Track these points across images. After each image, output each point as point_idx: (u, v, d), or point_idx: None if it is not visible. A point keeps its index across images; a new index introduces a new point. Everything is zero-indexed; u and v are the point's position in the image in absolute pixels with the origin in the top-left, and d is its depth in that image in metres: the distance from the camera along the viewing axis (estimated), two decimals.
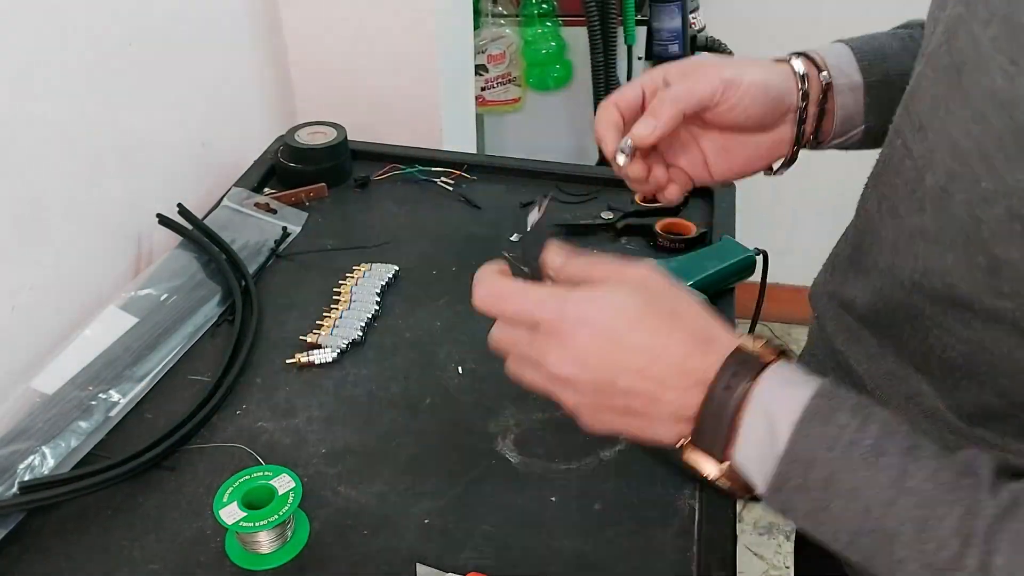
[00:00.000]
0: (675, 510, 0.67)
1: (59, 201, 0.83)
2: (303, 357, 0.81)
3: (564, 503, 0.67)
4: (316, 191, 1.06)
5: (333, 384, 0.79)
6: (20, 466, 0.69)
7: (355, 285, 0.90)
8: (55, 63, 0.81)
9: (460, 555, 0.63)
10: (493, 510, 0.67)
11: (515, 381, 0.54)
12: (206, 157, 1.10)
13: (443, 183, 1.09)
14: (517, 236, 0.73)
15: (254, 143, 1.16)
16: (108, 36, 0.88)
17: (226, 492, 0.63)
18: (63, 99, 0.83)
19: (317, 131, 1.09)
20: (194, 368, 0.81)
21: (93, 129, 0.87)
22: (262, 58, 1.26)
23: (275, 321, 0.87)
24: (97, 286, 0.89)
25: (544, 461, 0.71)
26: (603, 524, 0.66)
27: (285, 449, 0.72)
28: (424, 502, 0.68)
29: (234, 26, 1.17)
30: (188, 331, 0.84)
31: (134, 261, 0.96)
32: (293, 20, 1.31)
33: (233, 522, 0.61)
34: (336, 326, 0.85)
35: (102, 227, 0.91)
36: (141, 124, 0.95)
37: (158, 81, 0.98)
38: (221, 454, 0.72)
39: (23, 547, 0.64)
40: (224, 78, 1.14)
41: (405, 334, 0.85)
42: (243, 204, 1.01)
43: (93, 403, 0.75)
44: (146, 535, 0.65)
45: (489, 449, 0.72)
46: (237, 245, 0.94)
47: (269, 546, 0.63)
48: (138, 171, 0.95)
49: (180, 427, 0.72)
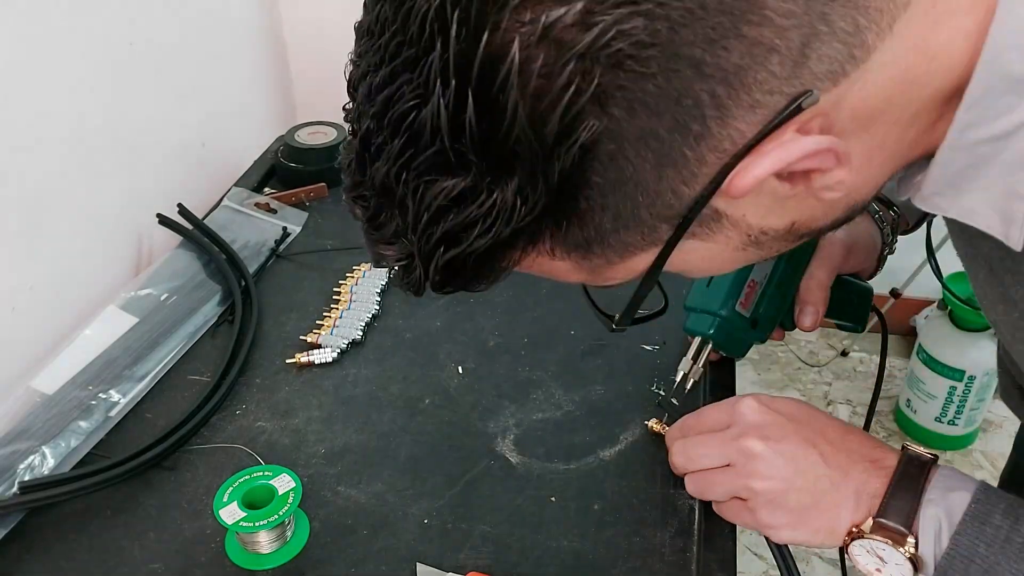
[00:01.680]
0: (675, 510, 0.67)
1: (59, 201, 0.83)
2: (303, 357, 0.81)
3: (563, 503, 0.67)
4: (316, 191, 1.06)
5: (333, 384, 0.79)
6: (20, 466, 0.69)
7: (355, 285, 0.90)
8: (55, 63, 0.81)
9: (459, 555, 0.63)
10: (492, 510, 0.67)
11: None
12: (206, 157, 1.10)
13: None
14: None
15: (254, 143, 1.16)
16: (108, 36, 0.88)
17: (226, 492, 0.63)
18: (63, 99, 0.83)
19: (317, 131, 1.09)
20: (194, 368, 0.81)
21: (93, 129, 0.87)
22: (262, 58, 1.26)
23: (275, 321, 0.87)
24: (97, 286, 0.89)
25: (543, 461, 0.71)
26: (602, 524, 0.66)
27: (285, 449, 0.72)
28: (424, 502, 0.68)
29: (234, 26, 1.17)
30: (188, 331, 0.84)
31: (134, 261, 0.96)
32: (293, 20, 1.31)
33: (233, 522, 0.61)
34: (336, 326, 0.85)
35: (102, 227, 0.91)
36: (141, 124, 0.95)
37: (158, 81, 0.98)
38: (221, 454, 0.72)
39: (23, 547, 0.64)
40: (224, 78, 1.14)
41: (405, 334, 0.85)
42: (243, 204, 1.01)
43: (93, 403, 0.75)
44: (146, 535, 0.65)
45: (488, 449, 0.72)
46: (237, 245, 0.94)
47: (269, 546, 0.63)
48: (138, 171, 0.95)
49: (180, 427, 0.72)
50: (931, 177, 0.42)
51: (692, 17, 0.34)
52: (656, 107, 0.35)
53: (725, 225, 0.42)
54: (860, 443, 0.58)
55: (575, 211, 0.39)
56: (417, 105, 0.36)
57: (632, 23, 0.33)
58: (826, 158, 0.38)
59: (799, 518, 0.58)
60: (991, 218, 0.42)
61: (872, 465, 0.57)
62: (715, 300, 0.70)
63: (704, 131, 0.36)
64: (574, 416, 0.76)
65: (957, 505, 0.53)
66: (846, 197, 0.42)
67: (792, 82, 0.36)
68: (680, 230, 0.40)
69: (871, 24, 0.36)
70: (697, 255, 0.44)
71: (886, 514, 0.54)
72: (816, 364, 2.08)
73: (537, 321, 0.87)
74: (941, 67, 0.38)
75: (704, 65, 0.34)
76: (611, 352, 0.82)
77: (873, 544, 0.55)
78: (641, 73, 0.34)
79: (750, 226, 0.42)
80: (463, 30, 0.34)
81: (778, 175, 0.39)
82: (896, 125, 0.40)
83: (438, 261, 0.40)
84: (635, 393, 0.78)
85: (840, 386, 2.03)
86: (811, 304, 0.72)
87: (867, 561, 0.56)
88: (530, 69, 0.34)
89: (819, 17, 0.35)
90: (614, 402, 0.77)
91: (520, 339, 0.84)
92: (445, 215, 0.38)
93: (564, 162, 0.36)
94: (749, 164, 0.37)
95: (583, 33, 0.33)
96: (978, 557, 0.51)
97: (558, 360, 0.82)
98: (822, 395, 2.01)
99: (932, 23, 0.37)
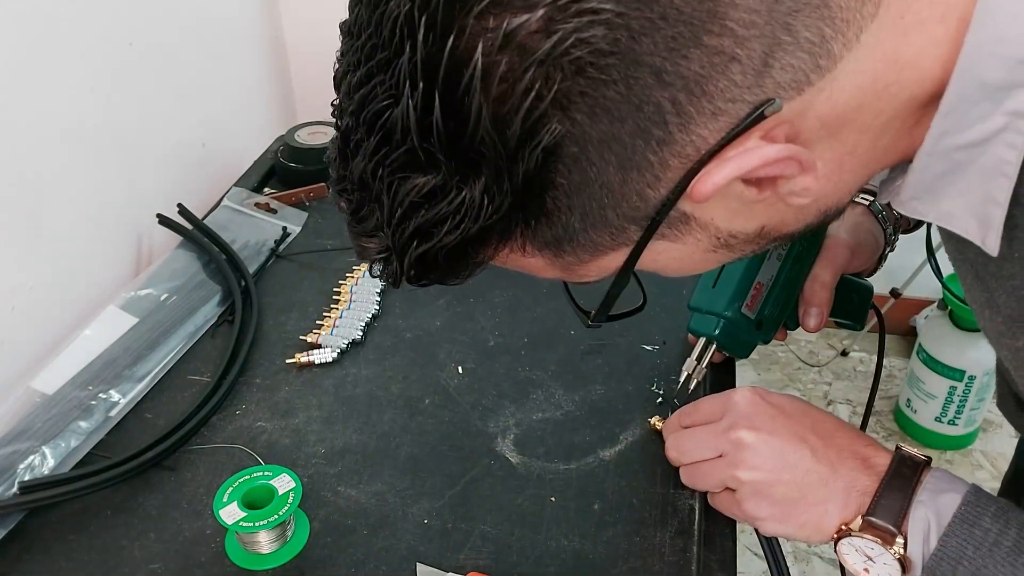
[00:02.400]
0: (675, 510, 0.67)
1: (59, 201, 0.84)
2: (303, 357, 0.81)
3: (563, 503, 0.67)
4: (316, 191, 1.06)
5: (333, 384, 0.79)
6: (20, 466, 0.69)
7: (355, 285, 0.90)
8: (55, 63, 0.81)
9: (460, 555, 0.63)
10: (492, 510, 0.67)
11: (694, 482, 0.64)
12: (206, 157, 1.10)
13: None
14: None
15: (254, 143, 1.16)
16: (108, 36, 0.88)
17: (226, 492, 0.63)
18: (63, 99, 0.83)
19: (317, 131, 1.10)
20: (194, 368, 0.81)
21: (93, 129, 0.87)
22: (262, 58, 1.26)
23: (275, 321, 0.87)
24: (97, 286, 0.89)
25: (543, 461, 0.71)
26: (602, 524, 0.66)
27: (285, 449, 0.72)
28: (424, 502, 0.68)
29: (234, 26, 1.17)
30: (188, 331, 0.84)
31: (134, 261, 0.96)
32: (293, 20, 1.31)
33: (233, 522, 0.61)
34: (336, 326, 0.85)
35: (102, 227, 0.91)
36: (141, 124, 0.95)
37: (158, 81, 0.98)
38: (221, 454, 0.72)
39: (23, 547, 0.64)
40: (224, 78, 1.14)
41: (405, 334, 0.85)
42: (243, 204, 1.01)
43: (93, 403, 0.75)
44: (146, 535, 0.65)
45: (489, 449, 0.72)
46: (237, 245, 0.94)
47: (269, 546, 0.63)
48: (138, 171, 0.96)
49: (180, 427, 0.72)
50: (909, 182, 0.43)
51: (652, 27, 0.34)
52: (618, 112, 0.36)
53: (694, 227, 0.42)
54: (852, 440, 0.59)
55: (543, 211, 0.40)
56: (390, 105, 0.37)
57: (592, 31, 0.34)
58: (788, 165, 0.38)
59: (785, 511, 0.58)
60: (969, 223, 0.42)
61: (863, 463, 0.57)
62: (720, 302, 0.70)
63: (666, 136, 0.37)
64: (574, 416, 0.76)
65: (947, 507, 0.53)
66: (815, 203, 0.42)
67: (754, 91, 0.36)
68: (648, 232, 0.41)
69: (837, 35, 0.36)
70: (668, 255, 0.44)
71: (876, 513, 0.54)
72: (816, 364, 2.08)
73: (537, 321, 0.87)
74: (913, 76, 0.39)
75: (664, 73, 0.35)
76: (611, 352, 0.82)
77: (861, 543, 0.55)
78: (602, 80, 0.35)
79: (719, 229, 0.43)
80: (430, 35, 0.35)
81: (745, 180, 0.39)
82: (867, 132, 0.40)
83: (412, 255, 0.41)
84: (635, 393, 0.78)
85: (840, 386, 2.03)
86: (815, 305, 0.72)
87: (855, 560, 0.55)
88: (493, 74, 0.35)
89: (783, 27, 0.35)
90: (614, 402, 0.77)
91: (520, 339, 0.84)
92: (417, 211, 0.39)
93: (528, 164, 0.37)
94: (711, 170, 0.38)
95: (544, 40, 0.34)
96: (966, 559, 0.51)
97: (558, 360, 0.82)
98: (822, 395, 2.01)
99: (902, 33, 0.38)
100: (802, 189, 0.40)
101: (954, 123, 0.39)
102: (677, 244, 0.43)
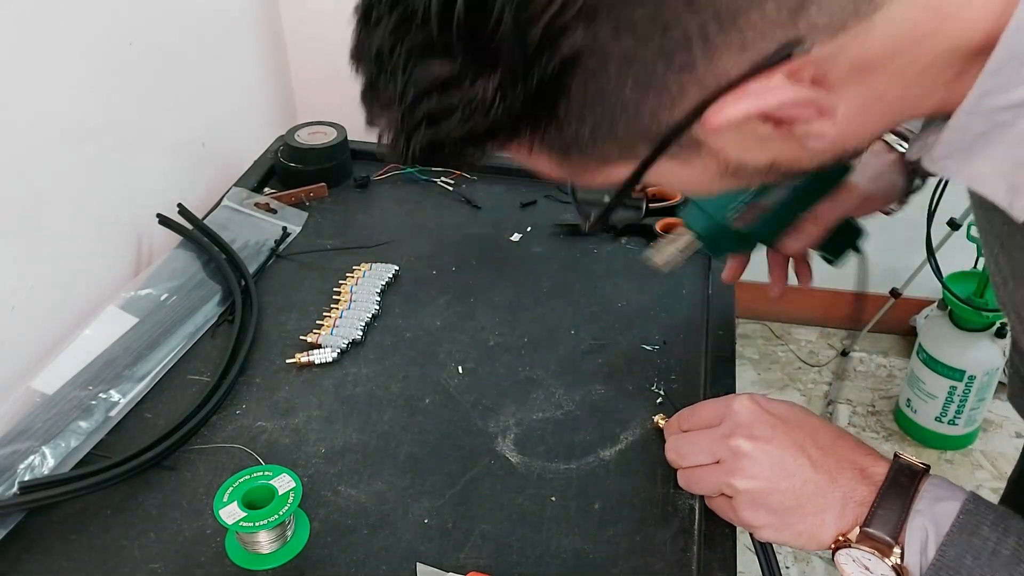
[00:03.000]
0: (675, 509, 0.67)
1: (59, 201, 0.84)
2: (303, 357, 0.81)
3: (563, 502, 0.67)
4: (316, 191, 1.06)
5: (333, 384, 0.79)
6: (20, 466, 0.69)
7: (355, 285, 0.90)
8: (55, 63, 0.81)
9: (460, 554, 0.63)
10: (493, 509, 0.67)
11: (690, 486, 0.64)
12: (206, 157, 1.10)
13: (443, 183, 1.09)
14: (518, 236, 0.75)
15: (254, 143, 1.16)
16: (108, 36, 0.88)
17: (226, 492, 0.63)
18: (63, 99, 0.83)
19: (317, 131, 1.09)
20: (194, 368, 0.81)
21: (93, 129, 0.87)
22: (262, 58, 1.26)
23: (275, 321, 0.87)
24: (97, 286, 0.89)
25: (544, 461, 0.71)
26: (603, 523, 0.66)
27: (285, 449, 0.72)
28: (424, 501, 0.68)
29: (234, 26, 1.17)
30: (188, 331, 0.84)
31: (134, 261, 0.96)
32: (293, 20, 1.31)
33: (233, 522, 0.61)
34: (336, 326, 0.85)
35: (102, 227, 0.91)
36: (141, 124, 0.95)
37: (158, 81, 0.98)
38: (221, 454, 0.72)
39: (23, 547, 0.64)
40: (224, 78, 1.14)
41: (405, 334, 0.85)
42: (243, 204, 1.01)
43: (93, 403, 0.75)
44: (146, 535, 0.65)
45: (489, 449, 0.72)
46: (237, 245, 0.94)
47: (269, 546, 0.63)
48: (138, 171, 0.96)
49: (180, 427, 0.72)
50: (944, 139, 0.41)
51: None
52: (644, 32, 0.36)
53: (703, 153, 0.42)
54: (851, 450, 0.58)
55: (553, 117, 0.40)
56: None
57: None
58: (807, 109, 0.38)
59: (781, 520, 0.57)
60: (998, 186, 0.41)
61: (861, 473, 0.56)
62: (720, 206, 0.70)
63: (689, 62, 0.37)
64: (574, 415, 0.76)
65: (945, 515, 0.52)
66: (832, 145, 0.41)
67: (787, 29, 0.36)
68: (656, 152, 0.41)
69: None
70: (673, 175, 0.44)
71: (872, 523, 0.54)
72: (816, 364, 2.08)
73: (537, 321, 0.87)
74: (956, 26, 0.37)
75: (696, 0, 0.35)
76: (611, 352, 0.82)
77: (859, 554, 0.54)
78: None
79: (728, 158, 0.42)
80: None
81: (760, 117, 0.39)
82: (898, 79, 0.39)
83: (419, 138, 0.41)
84: (635, 393, 0.78)
85: (840, 386, 2.03)
86: (804, 235, 0.71)
87: (853, 570, 0.55)
88: None
89: None
90: (614, 401, 0.77)
91: (520, 339, 0.84)
92: (429, 96, 0.39)
93: (544, 71, 0.37)
94: (728, 102, 0.37)
95: None
96: (964, 569, 0.51)
97: (558, 360, 0.82)
98: (822, 395, 2.01)
99: None
100: (818, 133, 0.39)
101: (1001, 82, 0.37)
102: (684, 166, 0.43)
